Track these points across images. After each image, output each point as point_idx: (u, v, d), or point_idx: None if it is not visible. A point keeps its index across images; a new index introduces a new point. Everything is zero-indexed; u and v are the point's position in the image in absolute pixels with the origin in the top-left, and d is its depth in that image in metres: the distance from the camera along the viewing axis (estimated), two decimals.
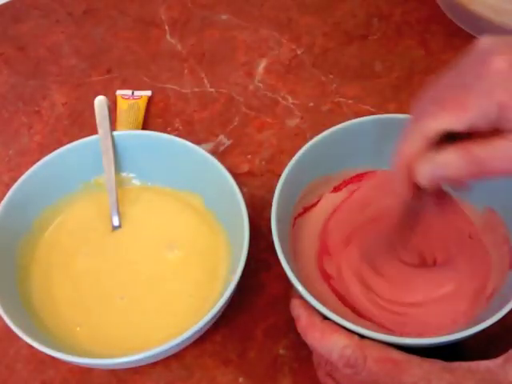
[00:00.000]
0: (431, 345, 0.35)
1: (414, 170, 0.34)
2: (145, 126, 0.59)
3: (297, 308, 0.38)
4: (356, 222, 0.45)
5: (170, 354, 0.41)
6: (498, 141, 0.31)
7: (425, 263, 0.43)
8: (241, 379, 0.44)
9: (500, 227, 0.43)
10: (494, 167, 0.31)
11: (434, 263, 0.43)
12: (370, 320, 0.40)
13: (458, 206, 0.44)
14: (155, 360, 0.41)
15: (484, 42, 0.33)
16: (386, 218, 0.43)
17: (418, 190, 0.35)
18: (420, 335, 0.38)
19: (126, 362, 0.38)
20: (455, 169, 0.32)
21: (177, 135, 0.50)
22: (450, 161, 0.32)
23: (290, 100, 0.61)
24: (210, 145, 0.58)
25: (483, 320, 0.35)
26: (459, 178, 0.32)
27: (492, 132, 0.31)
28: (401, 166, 0.34)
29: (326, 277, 0.43)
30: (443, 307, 0.41)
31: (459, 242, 0.44)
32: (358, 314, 0.41)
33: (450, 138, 0.32)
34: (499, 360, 0.33)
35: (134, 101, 0.60)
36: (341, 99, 0.60)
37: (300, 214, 0.46)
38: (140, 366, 0.44)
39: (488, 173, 0.31)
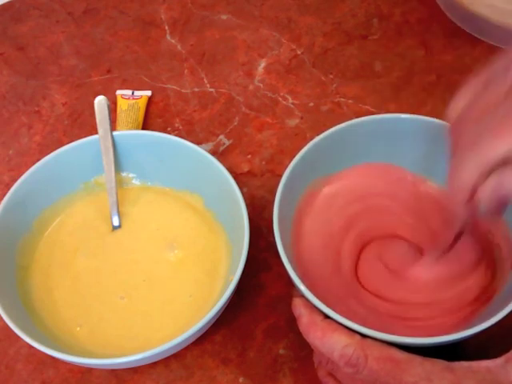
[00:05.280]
0: (431, 344, 0.35)
1: (477, 195, 0.34)
2: (145, 126, 0.59)
3: (298, 307, 0.38)
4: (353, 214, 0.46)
5: (169, 353, 0.41)
6: None
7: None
8: (241, 379, 0.44)
9: (502, 227, 0.43)
10: None
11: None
12: (374, 317, 0.40)
13: None
14: (155, 360, 0.41)
15: None
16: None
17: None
18: (421, 335, 0.37)
19: (126, 362, 0.38)
20: None
21: (177, 135, 0.50)
22: None
23: (290, 100, 0.61)
24: (210, 145, 0.58)
25: (484, 320, 0.35)
26: None
27: None
28: (463, 191, 0.34)
29: (328, 275, 0.43)
30: (445, 307, 0.41)
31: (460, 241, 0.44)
32: (363, 312, 0.41)
33: None
34: (500, 360, 0.33)
35: (134, 101, 0.60)
36: (341, 99, 0.60)
37: (301, 214, 0.46)
38: (140, 366, 0.44)
39: None
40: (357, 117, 0.46)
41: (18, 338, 0.39)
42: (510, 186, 0.32)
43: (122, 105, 0.60)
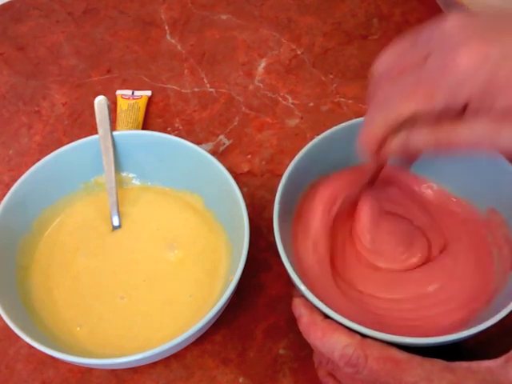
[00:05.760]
0: (431, 344, 0.35)
1: (385, 145, 0.37)
2: (145, 126, 0.59)
3: (298, 307, 0.38)
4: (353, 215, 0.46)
5: (169, 353, 0.41)
6: (460, 127, 0.33)
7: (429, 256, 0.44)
8: (241, 379, 0.44)
9: (502, 228, 0.42)
10: (457, 147, 0.34)
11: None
12: (375, 317, 0.40)
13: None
14: (155, 360, 0.41)
15: (453, 24, 0.33)
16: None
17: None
18: (421, 335, 0.37)
19: (126, 362, 0.38)
20: (424, 144, 0.35)
21: (177, 135, 0.50)
22: (422, 138, 0.35)
23: (290, 100, 0.61)
24: (210, 145, 0.58)
25: (484, 320, 0.35)
26: (424, 152, 0.36)
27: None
28: (370, 143, 0.37)
29: (328, 275, 0.43)
30: (444, 307, 0.41)
31: (461, 241, 0.44)
32: (363, 312, 0.41)
33: None
34: (500, 360, 0.33)
35: (134, 101, 0.60)
36: (341, 99, 0.60)
37: (301, 214, 0.46)
38: (140, 366, 0.44)
39: (451, 152, 0.35)
40: (357, 117, 0.46)
41: (18, 338, 0.39)
42: (415, 144, 0.35)
43: (122, 105, 0.60)
